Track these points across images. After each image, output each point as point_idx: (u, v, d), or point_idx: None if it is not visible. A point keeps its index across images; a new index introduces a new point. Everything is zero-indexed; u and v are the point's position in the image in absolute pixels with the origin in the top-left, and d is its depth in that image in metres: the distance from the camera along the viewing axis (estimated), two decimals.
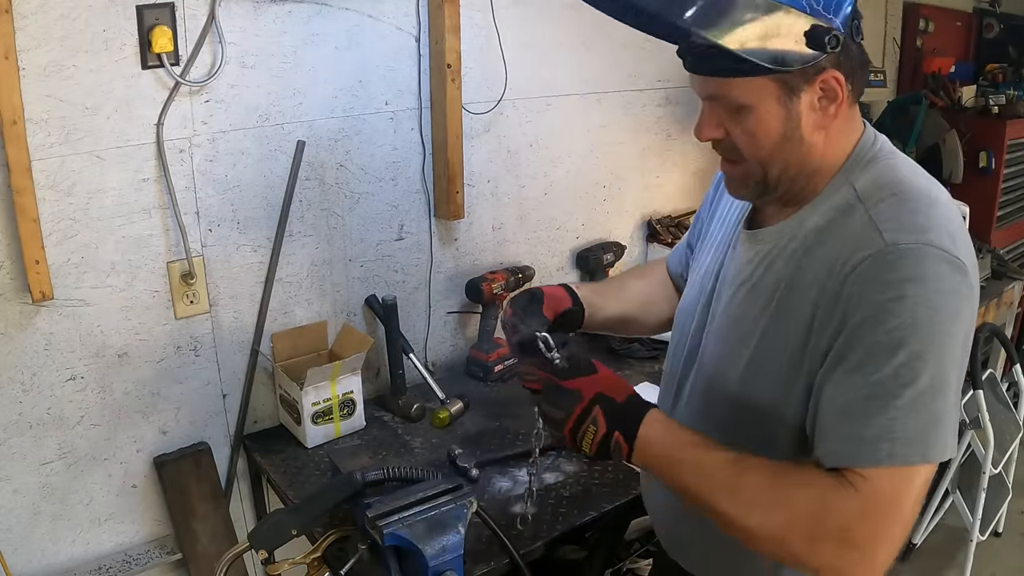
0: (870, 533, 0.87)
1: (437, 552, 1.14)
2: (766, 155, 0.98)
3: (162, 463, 1.70)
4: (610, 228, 2.40)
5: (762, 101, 0.94)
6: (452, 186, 1.93)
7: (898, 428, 0.87)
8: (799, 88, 0.93)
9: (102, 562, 1.66)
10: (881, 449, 0.87)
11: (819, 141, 0.98)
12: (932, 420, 0.87)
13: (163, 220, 1.60)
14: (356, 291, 1.93)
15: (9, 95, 1.33)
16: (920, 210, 0.93)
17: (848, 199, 0.97)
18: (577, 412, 1.02)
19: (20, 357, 1.50)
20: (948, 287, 0.88)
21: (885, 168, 0.99)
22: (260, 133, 1.68)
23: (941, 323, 0.87)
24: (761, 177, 1.01)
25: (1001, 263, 2.95)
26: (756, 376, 1.03)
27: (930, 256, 0.88)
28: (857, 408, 0.89)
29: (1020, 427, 2.69)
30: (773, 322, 1.01)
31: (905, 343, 0.87)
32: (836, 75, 0.93)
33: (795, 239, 1.01)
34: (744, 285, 1.06)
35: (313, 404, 1.72)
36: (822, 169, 1.00)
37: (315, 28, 1.69)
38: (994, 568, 2.71)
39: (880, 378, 0.88)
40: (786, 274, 1.00)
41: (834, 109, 0.96)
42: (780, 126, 0.96)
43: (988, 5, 3.73)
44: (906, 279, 0.87)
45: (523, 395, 1.16)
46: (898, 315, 0.87)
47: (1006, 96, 3.19)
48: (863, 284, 0.90)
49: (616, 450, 1.01)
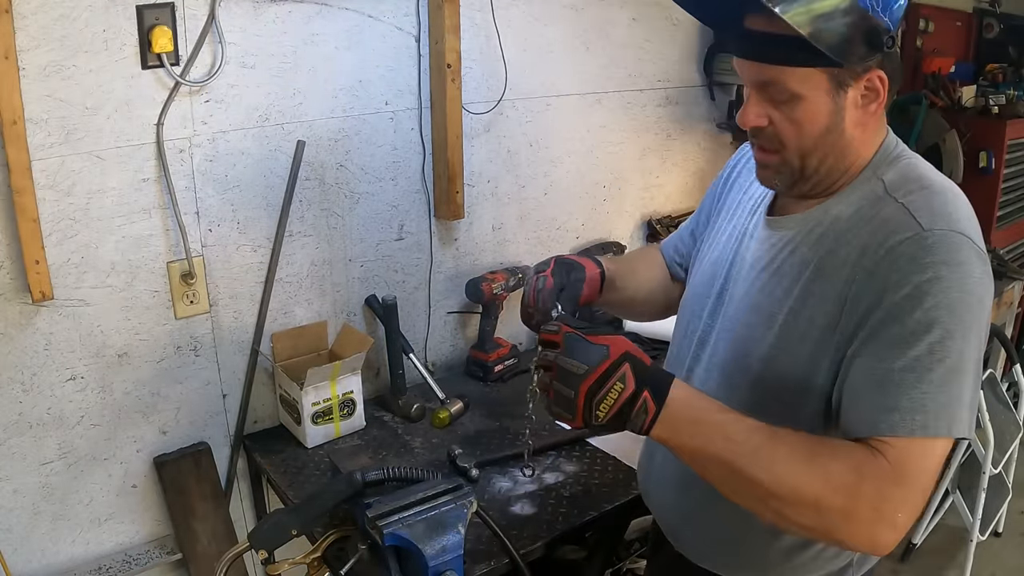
0: (900, 499, 0.89)
1: (437, 552, 1.14)
2: (809, 145, 1.01)
3: (162, 463, 1.70)
4: (610, 228, 2.40)
5: (813, 91, 0.97)
6: (452, 186, 1.93)
7: (929, 401, 0.90)
8: (848, 84, 0.97)
9: (102, 562, 1.66)
10: (915, 420, 0.90)
11: (857, 136, 1.01)
12: (958, 397, 0.91)
13: (163, 220, 1.60)
14: (356, 291, 1.93)
15: (9, 95, 1.33)
16: (949, 202, 0.97)
17: (876, 191, 1.01)
18: (604, 367, 0.94)
19: (20, 357, 1.50)
20: (977, 274, 0.92)
21: (909, 166, 1.03)
22: (260, 133, 1.68)
23: (971, 306, 0.92)
24: (799, 166, 1.03)
25: (1001, 263, 2.95)
26: (782, 354, 1.04)
27: (963, 244, 0.93)
28: (893, 380, 0.92)
29: (1020, 427, 2.69)
30: (800, 302, 1.03)
31: (939, 321, 0.90)
32: (881, 75, 0.97)
33: (820, 225, 1.04)
34: (766, 270, 1.09)
35: (313, 404, 1.72)
36: (855, 164, 1.04)
37: (315, 28, 1.69)
38: (994, 568, 2.71)
39: (917, 353, 0.91)
40: (812, 257, 1.03)
41: (875, 108, 1.00)
42: (826, 119, 0.99)
43: (988, 5, 3.73)
44: (942, 262, 0.91)
45: (523, 395, 1.16)
46: (935, 295, 0.91)
47: (1006, 96, 3.19)
48: (903, 263, 0.93)
49: (640, 414, 0.94)
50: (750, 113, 1.02)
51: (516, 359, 2.09)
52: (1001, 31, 3.72)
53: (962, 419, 0.91)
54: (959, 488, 2.51)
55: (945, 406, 0.90)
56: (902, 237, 0.94)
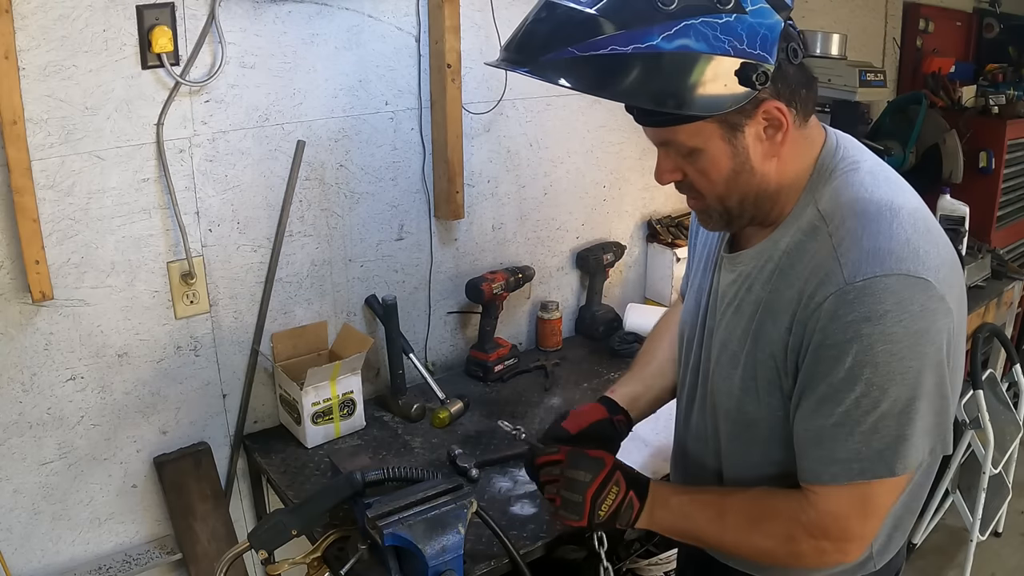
0: (845, 530, 1.01)
1: (437, 552, 1.14)
2: (722, 190, 1.03)
3: (162, 463, 1.70)
4: (610, 228, 2.40)
5: (708, 142, 0.98)
6: (452, 186, 1.93)
7: (864, 449, 0.96)
8: (741, 124, 0.97)
9: (102, 562, 1.66)
10: (852, 468, 0.97)
11: (771, 169, 1.01)
12: (900, 436, 0.95)
13: (163, 220, 1.60)
14: (356, 291, 1.93)
15: (9, 95, 1.33)
16: (881, 231, 0.95)
17: (813, 219, 1.01)
18: (603, 474, 1.16)
19: (20, 357, 1.50)
20: (912, 311, 0.92)
21: (844, 183, 1.01)
22: (260, 133, 1.68)
23: (901, 351, 0.92)
24: (723, 210, 1.05)
25: (1001, 263, 2.95)
26: (745, 395, 1.09)
27: (889, 288, 0.92)
28: (826, 435, 0.98)
29: (1020, 427, 2.68)
30: (754, 343, 1.06)
31: (862, 378, 0.93)
32: (778, 105, 0.96)
33: (771, 260, 1.05)
34: (731, 306, 1.11)
35: (313, 404, 1.72)
36: (783, 191, 1.04)
37: (315, 28, 1.69)
38: (994, 568, 2.72)
39: (845, 408, 0.95)
40: (764, 296, 1.05)
41: (781, 137, 0.99)
42: (729, 162, 0.99)
43: (988, 5, 3.73)
44: (863, 319, 0.92)
45: (523, 395, 1.19)
46: (855, 354, 0.93)
47: (1006, 96, 3.18)
48: (826, 322, 0.95)
49: (627, 510, 1.15)
50: (662, 171, 1.05)
51: (516, 359, 2.09)
52: (1001, 31, 3.72)
53: (907, 455, 0.96)
54: (959, 488, 2.51)
55: (882, 451, 0.95)
56: (826, 293, 0.95)
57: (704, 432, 1.21)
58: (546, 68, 0.95)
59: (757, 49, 0.92)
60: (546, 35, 0.96)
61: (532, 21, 1.00)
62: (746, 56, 0.91)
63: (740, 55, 0.91)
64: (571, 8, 0.94)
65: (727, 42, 0.90)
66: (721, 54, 0.90)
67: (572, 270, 2.35)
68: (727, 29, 0.90)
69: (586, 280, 2.35)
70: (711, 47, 0.89)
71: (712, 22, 0.89)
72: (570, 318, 2.37)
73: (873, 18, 3.21)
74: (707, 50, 0.89)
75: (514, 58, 1.00)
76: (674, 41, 0.89)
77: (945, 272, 0.96)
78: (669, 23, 0.89)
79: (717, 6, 0.90)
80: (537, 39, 0.98)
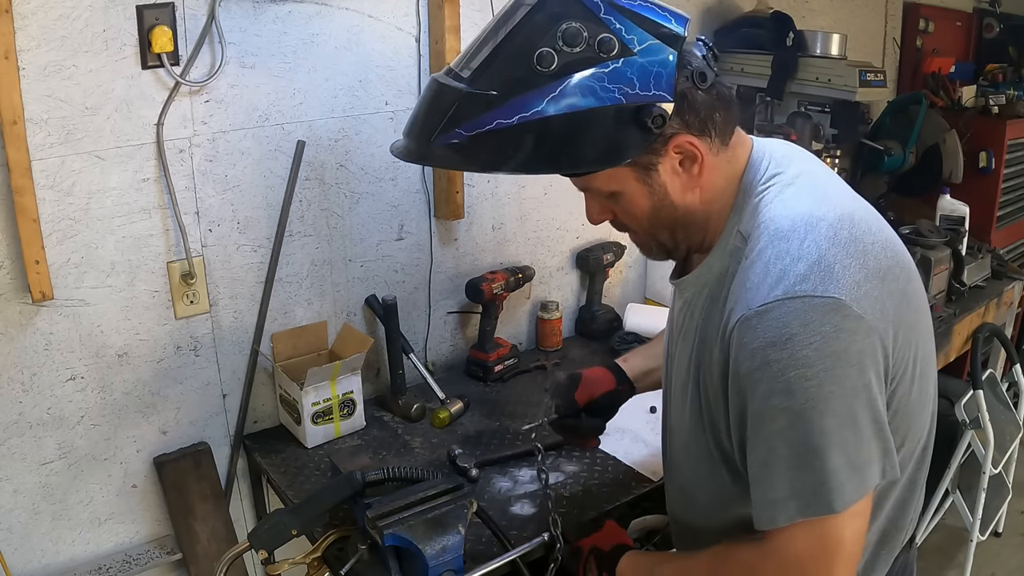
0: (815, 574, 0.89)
1: (437, 552, 1.14)
2: (647, 225, 1.04)
3: (162, 463, 1.70)
4: (609, 228, 2.39)
5: (624, 185, 0.98)
6: (452, 186, 1.93)
7: (796, 486, 0.87)
8: (654, 163, 0.96)
9: (102, 562, 1.66)
10: (790, 507, 0.88)
11: (694, 199, 1.00)
12: (829, 472, 0.86)
13: (163, 220, 1.60)
14: (356, 291, 1.93)
15: (9, 95, 1.33)
16: (789, 251, 0.90)
17: (736, 242, 0.99)
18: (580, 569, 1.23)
19: (20, 357, 1.50)
20: (823, 332, 0.85)
21: (762, 203, 0.98)
22: (260, 133, 1.68)
23: (816, 376, 0.85)
24: (657, 243, 1.06)
25: (1001, 263, 2.94)
26: (696, 424, 1.06)
27: (791, 312, 0.86)
28: (759, 476, 0.91)
29: (1020, 427, 2.68)
30: (696, 373, 1.04)
31: (779, 407, 0.87)
32: (689, 139, 0.95)
33: (707, 286, 1.03)
34: (680, 334, 1.10)
35: (313, 404, 1.72)
36: (712, 217, 1.03)
37: (315, 28, 1.69)
38: (994, 568, 2.72)
39: (768, 444, 0.89)
40: (700, 323, 1.04)
41: (698, 168, 0.98)
42: (647, 200, 1.00)
43: (988, 5, 3.73)
44: (769, 344, 0.87)
45: (523, 395, 1.18)
46: (766, 382, 0.87)
47: (1006, 96, 3.18)
48: (735, 351, 0.91)
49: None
50: (591, 213, 1.08)
51: (516, 359, 2.09)
52: (1001, 31, 3.71)
53: (843, 488, 0.86)
54: (959, 488, 2.51)
55: (816, 488, 0.86)
56: (735, 321, 0.91)
57: (673, 461, 1.20)
58: (437, 154, 0.93)
59: (651, 90, 0.89)
60: (433, 118, 0.94)
61: (420, 103, 0.98)
62: (640, 100, 0.89)
63: (633, 100, 0.89)
64: (450, 87, 0.92)
65: (617, 90, 0.88)
66: (612, 103, 0.88)
67: (572, 270, 2.34)
68: (616, 77, 0.88)
69: (586, 280, 2.35)
70: (600, 100, 0.87)
71: (599, 73, 0.87)
72: (570, 318, 2.37)
73: (873, 18, 3.21)
74: (596, 104, 0.87)
75: (409, 146, 0.98)
76: (560, 102, 0.87)
77: (870, 287, 0.89)
78: (552, 84, 0.87)
79: (600, 55, 0.87)
80: (427, 123, 0.95)
